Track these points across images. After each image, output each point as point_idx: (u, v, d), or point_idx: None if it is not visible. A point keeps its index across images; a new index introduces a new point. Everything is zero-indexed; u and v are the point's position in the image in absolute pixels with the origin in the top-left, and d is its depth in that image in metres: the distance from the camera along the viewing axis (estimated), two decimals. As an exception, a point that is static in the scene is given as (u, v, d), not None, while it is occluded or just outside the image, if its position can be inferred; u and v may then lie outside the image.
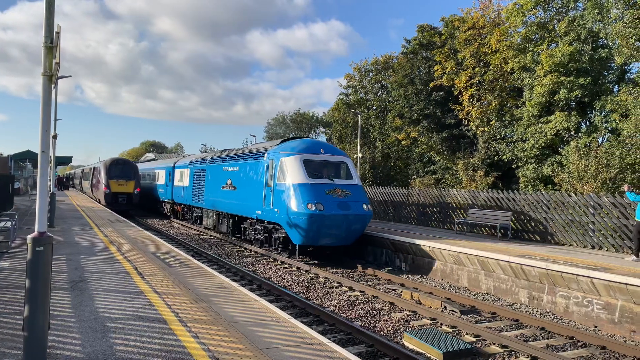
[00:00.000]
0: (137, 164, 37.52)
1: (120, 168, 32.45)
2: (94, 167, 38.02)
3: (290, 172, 15.23)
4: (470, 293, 12.47)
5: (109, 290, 8.47)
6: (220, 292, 8.64)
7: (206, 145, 78.76)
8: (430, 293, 11.89)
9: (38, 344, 4.72)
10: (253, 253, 17.76)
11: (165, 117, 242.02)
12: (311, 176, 15.13)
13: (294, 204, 14.67)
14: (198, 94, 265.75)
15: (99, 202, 34.05)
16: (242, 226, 19.39)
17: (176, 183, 28.92)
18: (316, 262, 15.78)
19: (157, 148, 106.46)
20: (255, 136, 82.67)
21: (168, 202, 31.32)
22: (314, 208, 14.31)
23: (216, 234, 22.85)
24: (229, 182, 20.14)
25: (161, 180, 32.77)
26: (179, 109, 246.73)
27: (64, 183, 60.68)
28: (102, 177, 31.99)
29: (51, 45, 4.89)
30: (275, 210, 15.58)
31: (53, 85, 5.09)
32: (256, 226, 17.95)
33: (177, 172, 28.98)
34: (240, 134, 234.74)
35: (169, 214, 31.46)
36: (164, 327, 6.45)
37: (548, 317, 10.46)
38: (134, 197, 31.97)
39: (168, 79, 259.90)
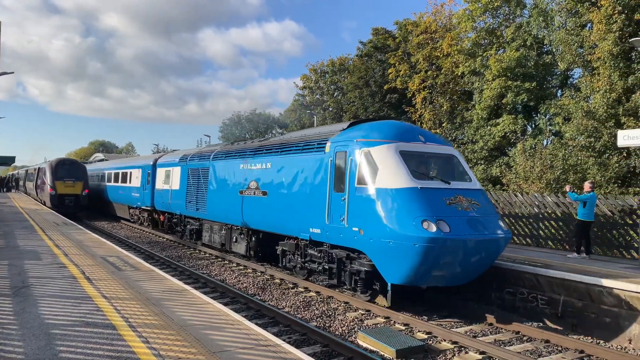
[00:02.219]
0: (89, 164, 36.17)
1: (67, 168, 31.19)
2: (39, 168, 36.45)
3: (383, 169, 9.86)
4: None
5: (54, 295, 8.14)
6: (173, 296, 8.47)
7: (159, 145, 76.93)
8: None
9: (-24, 354, 4.48)
10: (207, 255, 17.49)
11: (114, 115, 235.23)
12: (416, 177, 9.80)
13: (394, 221, 9.32)
14: (149, 92, 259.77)
15: (45, 204, 32.62)
16: (280, 249, 13.34)
17: (159, 186, 22.73)
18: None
19: (107, 148, 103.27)
20: (209, 136, 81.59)
21: (146, 210, 24.98)
22: (434, 228, 8.96)
23: (168, 235, 22.27)
24: (253, 185, 14.41)
25: (135, 182, 26.38)
26: (129, 107, 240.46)
27: (3, 184, 57.62)
28: (48, 178, 30.67)
29: (-10, 40, 4.65)
30: (354, 229, 10.12)
31: (-8, 82, 4.85)
32: (309, 251, 12.06)
33: (161, 171, 22.85)
34: (194, 133, 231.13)
35: (146, 224, 25.65)
36: (113, 332, 6.26)
37: None
38: (82, 199, 30.81)
39: (117, 76, 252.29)
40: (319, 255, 11.72)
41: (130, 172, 27.32)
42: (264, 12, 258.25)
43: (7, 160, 49.63)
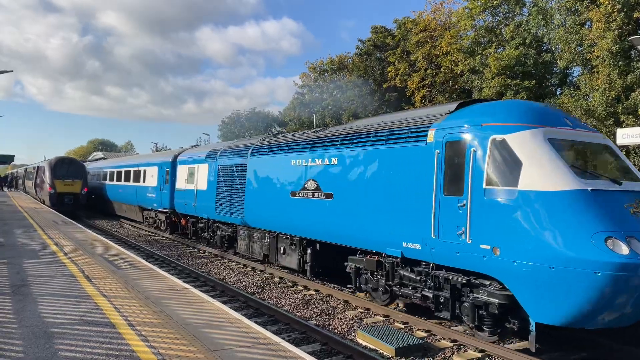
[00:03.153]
0: (92, 162, 35.84)
1: (67, 167, 31.18)
2: (38, 167, 36.42)
3: (530, 165, 7.28)
4: None
5: (53, 294, 8.14)
6: (172, 294, 8.48)
7: (158, 144, 76.91)
8: None
9: (-25, 352, 4.48)
10: (207, 254, 17.49)
11: (113, 114, 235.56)
12: (579, 175, 7.24)
13: (558, 239, 6.73)
14: (147, 91, 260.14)
15: (44, 203, 32.62)
16: (352, 266, 10.66)
17: (180, 185, 20.04)
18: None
19: (106, 146, 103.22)
20: (209, 135, 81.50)
21: (163, 212, 22.30)
22: (625, 250, 6.41)
23: (168, 234, 21.76)
24: (310, 185, 11.68)
25: (150, 181, 23.74)
26: (128, 106, 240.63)
27: (1, 183, 57.47)
28: (47, 176, 30.66)
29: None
30: (483, 247, 7.48)
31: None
32: (400, 272, 9.30)
33: (182, 169, 20.04)
34: (192, 132, 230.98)
35: (163, 227, 22.89)
36: (112, 331, 6.27)
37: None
38: (81, 197, 30.82)
39: (115, 75, 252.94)
40: (417, 278, 8.94)
41: (145, 170, 24.71)
42: (262, 10, 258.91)
43: (6, 159, 49.69)
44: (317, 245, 11.92)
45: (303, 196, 11.86)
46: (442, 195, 8.19)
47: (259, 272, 14.21)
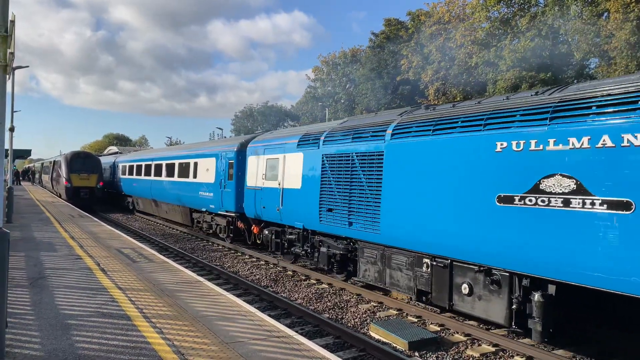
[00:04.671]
0: (118, 155, 35.72)
1: (82, 161, 31.62)
2: (55, 161, 36.91)
3: None
4: None
5: (70, 286, 8.26)
6: (186, 287, 8.55)
7: (172, 138, 77.41)
8: None
9: (-6, 343, 4.57)
10: (220, 247, 17.60)
11: (126, 109, 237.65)
12: None
13: None
14: (159, 86, 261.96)
15: (60, 196, 33.10)
16: None
17: (252, 182, 15.12)
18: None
19: (121, 141, 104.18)
20: (222, 129, 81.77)
21: (225, 216, 17.85)
22: None
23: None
24: (556, 184, 6.77)
25: (204, 176, 19.34)
26: (140, 100, 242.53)
27: (19, 177, 58.36)
28: (63, 170, 31.10)
29: (5, 34, 4.71)
30: None
31: (8, 76, 4.93)
32: None
33: (255, 161, 15.16)
34: (205, 127, 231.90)
35: (223, 235, 18.38)
36: (128, 323, 6.34)
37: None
38: (97, 191, 31.22)
39: (128, 69, 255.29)
40: None
41: (195, 163, 20.44)
42: (273, 3, 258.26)
43: (24, 154, 50.40)
44: (552, 287, 7.16)
45: (533, 204, 7.01)
46: None
47: (272, 266, 14.27)
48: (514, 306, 7.36)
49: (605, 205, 6.18)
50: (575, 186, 6.55)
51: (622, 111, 6.13)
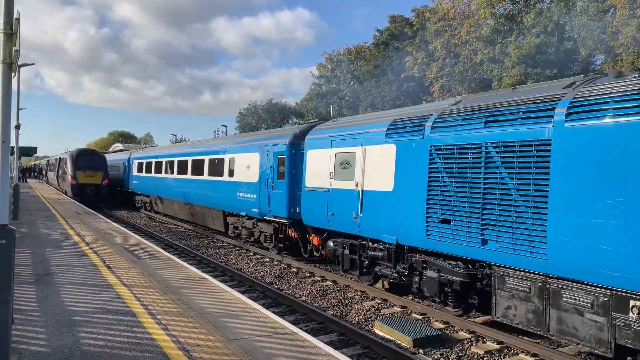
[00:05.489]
0: (134, 151, 35.15)
1: (88, 159, 31.75)
2: (60, 158, 37.08)
3: None
4: None
5: (75, 283, 8.30)
6: (191, 284, 8.58)
7: (176, 136, 77.58)
8: None
9: (1, 339, 4.60)
10: (225, 244, 17.64)
11: (130, 106, 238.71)
12: None
13: None
14: (163, 83, 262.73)
15: (66, 193, 33.27)
16: None
17: (314, 182, 12.37)
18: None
19: (126, 138, 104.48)
20: (226, 126, 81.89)
21: (273, 222, 14.87)
22: None
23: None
24: None
25: (242, 174, 16.50)
26: (145, 98, 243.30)
27: (25, 174, 58.68)
28: (69, 168, 31.24)
29: (11, 32, 4.73)
30: None
31: (14, 74, 4.95)
32: None
33: (320, 156, 12.32)
34: (209, 124, 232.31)
35: (269, 244, 15.49)
36: (133, 319, 6.37)
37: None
38: (102, 188, 31.33)
39: (132, 67, 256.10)
40: None
41: (231, 159, 17.54)
42: (276, 0, 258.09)
43: (29, 151, 50.62)
44: None
45: None
46: None
47: (276, 263, 14.28)
48: None
49: None
50: None
51: None
